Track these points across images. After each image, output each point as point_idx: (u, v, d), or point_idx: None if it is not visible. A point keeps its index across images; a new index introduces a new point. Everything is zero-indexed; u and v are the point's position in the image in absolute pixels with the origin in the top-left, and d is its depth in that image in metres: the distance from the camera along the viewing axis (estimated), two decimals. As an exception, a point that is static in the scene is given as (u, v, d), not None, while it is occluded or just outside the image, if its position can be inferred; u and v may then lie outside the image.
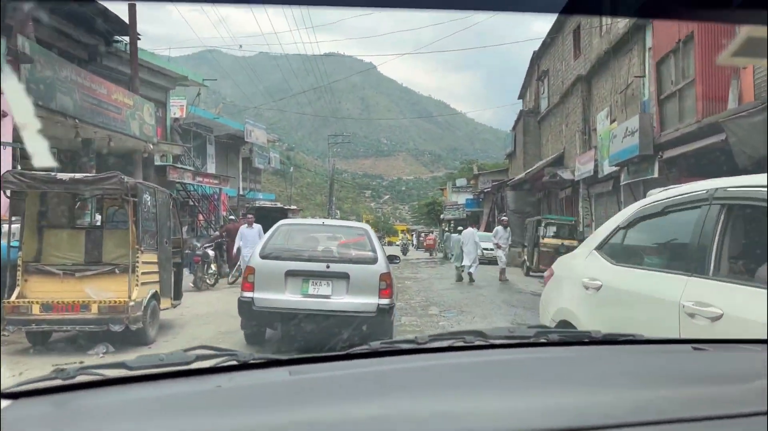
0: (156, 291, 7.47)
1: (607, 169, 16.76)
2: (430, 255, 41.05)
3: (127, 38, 15.28)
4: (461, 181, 51.56)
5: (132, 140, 13.24)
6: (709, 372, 1.55)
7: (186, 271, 15.00)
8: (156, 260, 7.58)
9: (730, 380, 1.43)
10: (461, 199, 49.51)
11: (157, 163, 16.80)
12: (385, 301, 6.59)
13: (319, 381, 1.43)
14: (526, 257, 19.39)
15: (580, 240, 18.85)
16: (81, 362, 5.09)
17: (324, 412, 1.20)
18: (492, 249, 26.39)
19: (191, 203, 21.90)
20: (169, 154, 18.76)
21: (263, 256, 6.81)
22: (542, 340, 1.79)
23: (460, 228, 21.14)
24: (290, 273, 6.63)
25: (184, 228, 22.14)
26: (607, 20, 19.15)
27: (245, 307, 6.64)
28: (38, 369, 5.51)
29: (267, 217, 31.41)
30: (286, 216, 36.76)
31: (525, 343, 1.79)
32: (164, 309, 8.03)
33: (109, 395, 1.29)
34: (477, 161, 65.78)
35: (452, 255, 19.16)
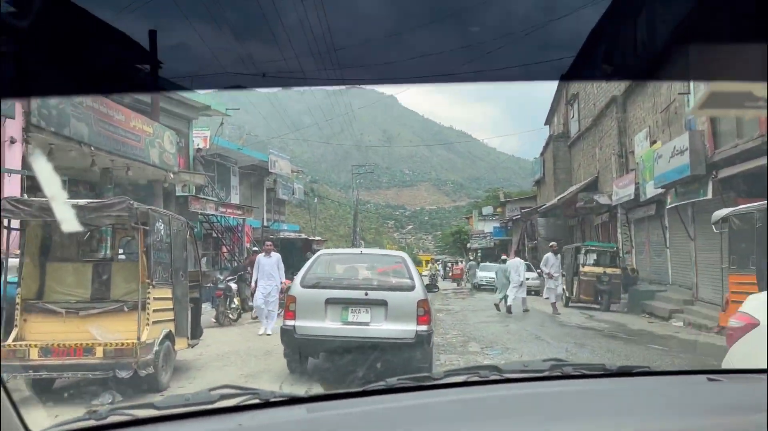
0: (170, 331, 6.69)
1: (650, 191, 15.75)
2: (458, 285, 39.89)
3: (148, 66, 14.89)
4: (488, 209, 50.55)
5: (152, 169, 12.69)
6: (722, 402, 1.55)
7: (208, 306, 14.33)
8: (170, 295, 6.82)
9: (740, 410, 1.42)
10: (488, 227, 48.45)
11: (179, 193, 16.25)
12: (423, 328, 6.65)
13: (335, 419, 1.47)
14: (564, 287, 18.30)
15: (623, 269, 17.81)
16: (110, 403, 5.54)
17: None
18: (532, 279, 25.42)
19: (214, 235, 21.28)
20: (191, 184, 18.25)
21: (304, 285, 6.93)
22: (557, 373, 1.79)
23: (504, 257, 20.06)
24: (330, 301, 6.75)
25: (204, 260, 21.58)
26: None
27: (287, 335, 6.78)
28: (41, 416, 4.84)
29: (292, 248, 30.88)
30: (310, 248, 36.18)
31: (540, 377, 1.79)
32: (180, 350, 7.24)
33: None
34: (501, 189, 64.76)
35: (494, 285, 18.44)
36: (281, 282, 11.30)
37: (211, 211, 17.32)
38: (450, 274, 45.93)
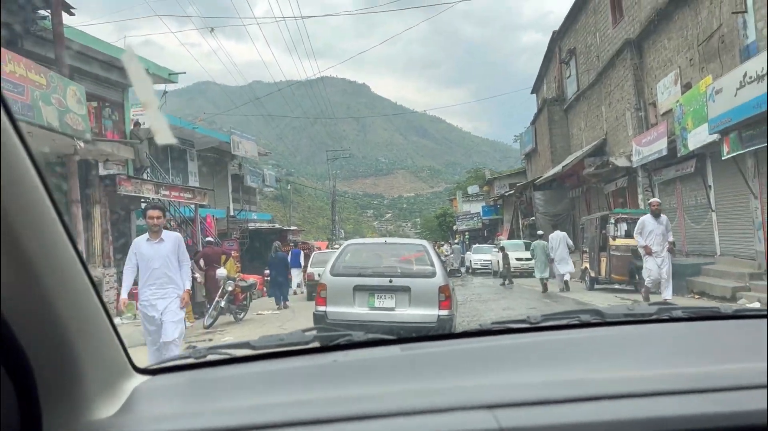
0: None
1: (697, 141, 12.72)
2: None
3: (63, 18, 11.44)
4: (473, 188, 47.51)
5: (52, 135, 9.31)
6: None
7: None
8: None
9: None
10: (474, 207, 45.47)
11: (103, 172, 12.86)
12: (445, 312, 6.92)
13: (430, 356, 1.46)
14: (588, 265, 15.25)
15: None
16: (210, 340, 6.74)
17: (436, 383, 1.23)
18: (526, 260, 22.45)
19: (168, 226, 17.84)
20: (129, 164, 14.82)
21: (333, 274, 7.30)
22: (665, 317, 1.66)
23: (540, 232, 17.91)
24: (358, 288, 7.11)
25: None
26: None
27: (320, 320, 7.09)
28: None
29: (264, 240, 27.48)
30: (285, 239, 32.83)
31: (646, 320, 1.66)
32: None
33: (236, 370, 1.40)
34: (486, 168, 61.84)
35: (489, 269, 16.90)
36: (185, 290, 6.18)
37: (150, 193, 13.86)
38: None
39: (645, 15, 17.15)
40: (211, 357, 1.45)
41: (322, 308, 7.11)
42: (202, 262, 13.76)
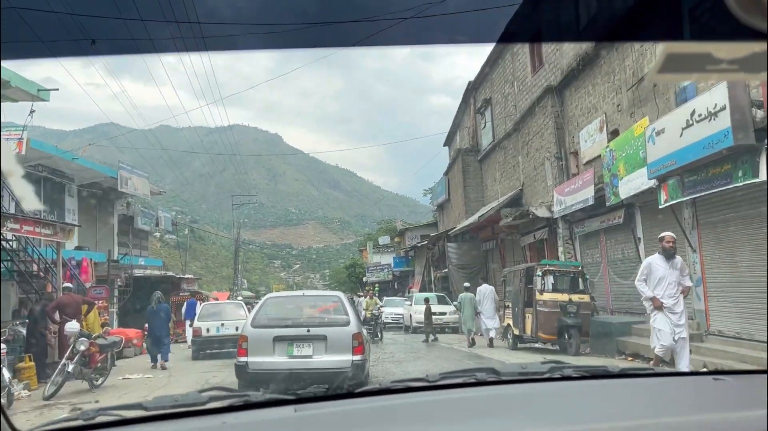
0: None
1: (630, 189, 11.76)
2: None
3: None
4: (384, 239, 46.21)
5: None
6: (723, 400, 1.51)
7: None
8: None
9: (738, 408, 1.40)
10: (385, 259, 44.05)
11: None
12: (358, 357, 7.45)
13: (325, 417, 1.43)
14: (511, 322, 13.85)
15: (591, 296, 13.70)
16: (97, 401, 7.18)
17: None
18: (444, 314, 20.96)
19: (19, 268, 14.87)
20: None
21: (254, 325, 7.76)
22: (557, 376, 1.71)
23: (466, 284, 17.16)
24: (277, 339, 7.53)
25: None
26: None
27: (241, 370, 7.48)
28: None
29: (151, 289, 24.43)
30: (178, 287, 29.64)
31: (539, 379, 1.70)
32: None
33: None
34: (397, 220, 61.05)
35: (401, 323, 16.84)
36: None
37: None
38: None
39: (566, 62, 16.61)
40: (100, 419, 1.38)
41: (243, 359, 7.47)
42: (56, 314, 11.15)
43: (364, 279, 46.94)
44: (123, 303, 23.81)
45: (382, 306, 16.92)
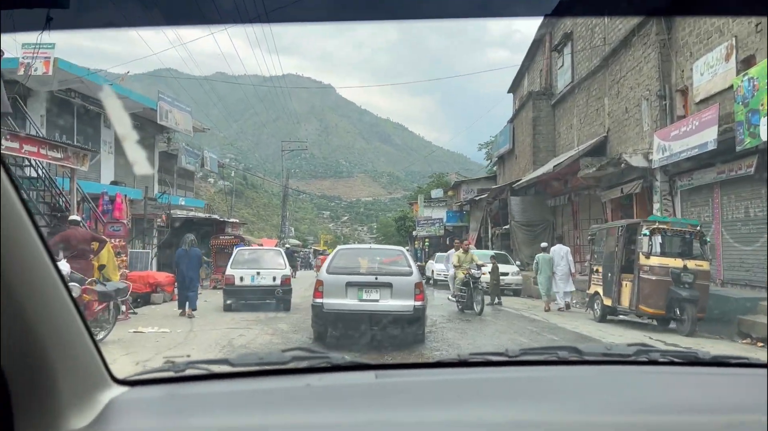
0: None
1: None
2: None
3: None
4: (437, 192, 43.73)
5: None
6: None
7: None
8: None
9: None
10: (437, 213, 41.64)
11: None
12: (419, 303, 8.37)
13: (405, 385, 1.45)
14: (600, 290, 11.43)
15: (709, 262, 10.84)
16: (188, 355, 6.87)
17: (409, 414, 1.21)
18: (506, 275, 18.63)
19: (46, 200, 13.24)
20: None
21: (329, 272, 8.71)
22: (643, 359, 1.63)
23: (544, 244, 15.14)
24: (349, 284, 8.50)
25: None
26: None
27: (317, 310, 8.46)
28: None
29: (198, 231, 22.85)
30: (223, 230, 28.05)
31: (623, 361, 1.64)
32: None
33: (214, 387, 1.41)
34: (452, 172, 58.30)
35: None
36: None
37: None
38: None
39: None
40: (189, 372, 1.43)
41: (319, 300, 8.38)
42: (61, 251, 9.35)
43: (414, 233, 44.83)
44: (159, 245, 22.42)
45: (482, 264, 13.32)
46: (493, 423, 1.15)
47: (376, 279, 8.52)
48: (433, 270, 25.94)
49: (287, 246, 39.79)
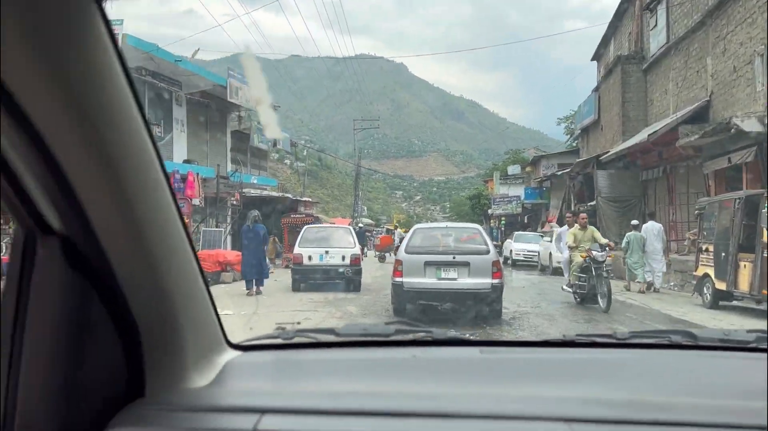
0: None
1: None
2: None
3: None
4: (514, 168, 42.03)
5: None
6: None
7: None
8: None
9: None
10: (514, 190, 40.01)
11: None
12: (496, 281, 8.54)
13: (509, 362, 1.44)
14: (712, 272, 9.99)
15: None
16: (298, 323, 7.51)
17: (513, 390, 1.20)
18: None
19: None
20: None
21: (408, 252, 8.98)
22: (764, 346, 1.48)
23: (635, 222, 14.28)
24: (428, 263, 8.74)
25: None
26: None
27: (398, 288, 8.76)
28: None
29: (272, 211, 22.69)
30: (295, 209, 27.94)
31: (742, 348, 1.53)
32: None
33: (320, 354, 1.49)
34: (532, 147, 56.16)
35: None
36: None
37: None
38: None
39: None
40: (297, 340, 1.49)
41: (399, 279, 8.75)
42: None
43: (489, 211, 43.39)
44: (232, 224, 22.32)
45: (607, 244, 10.62)
46: (604, 400, 1.11)
47: (454, 258, 8.72)
48: (511, 250, 24.86)
49: (360, 225, 39.51)
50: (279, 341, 1.50)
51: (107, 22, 0.73)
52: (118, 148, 0.83)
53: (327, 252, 12.58)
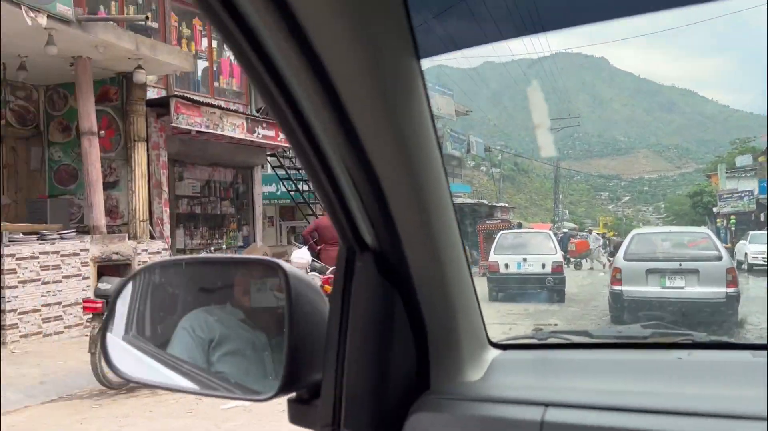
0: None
1: None
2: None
3: None
4: (743, 160, 36.98)
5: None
6: None
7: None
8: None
9: None
10: (745, 184, 35.29)
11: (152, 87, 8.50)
12: (732, 290, 7.99)
13: None
14: None
15: None
16: (555, 324, 8.17)
17: None
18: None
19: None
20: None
21: (626, 259, 8.68)
22: None
23: None
24: (650, 271, 8.41)
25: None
26: None
27: (616, 298, 8.43)
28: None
29: (470, 217, 22.56)
30: (491, 215, 27.54)
31: None
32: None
33: (574, 355, 1.46)
34: (750, 140, 49.34)
35: None
36: None
37: (230, 129, 9.09)
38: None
39: None
40: (551, 340, 1.51)
41: (617, 287, 8.47)
42: (314, 238, 9.07)
43: (715, 209, 38.78)
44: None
45: None
46: None
47: (680, 265, 8.34)
48: (746, 253, 21.90)
49: (565, 230, 37.75)
50: (535, 341, 1.55)
51: (422, 73, 0.91)
52: (422, 167, 0.95)
53: (525, 259, 11.84)
